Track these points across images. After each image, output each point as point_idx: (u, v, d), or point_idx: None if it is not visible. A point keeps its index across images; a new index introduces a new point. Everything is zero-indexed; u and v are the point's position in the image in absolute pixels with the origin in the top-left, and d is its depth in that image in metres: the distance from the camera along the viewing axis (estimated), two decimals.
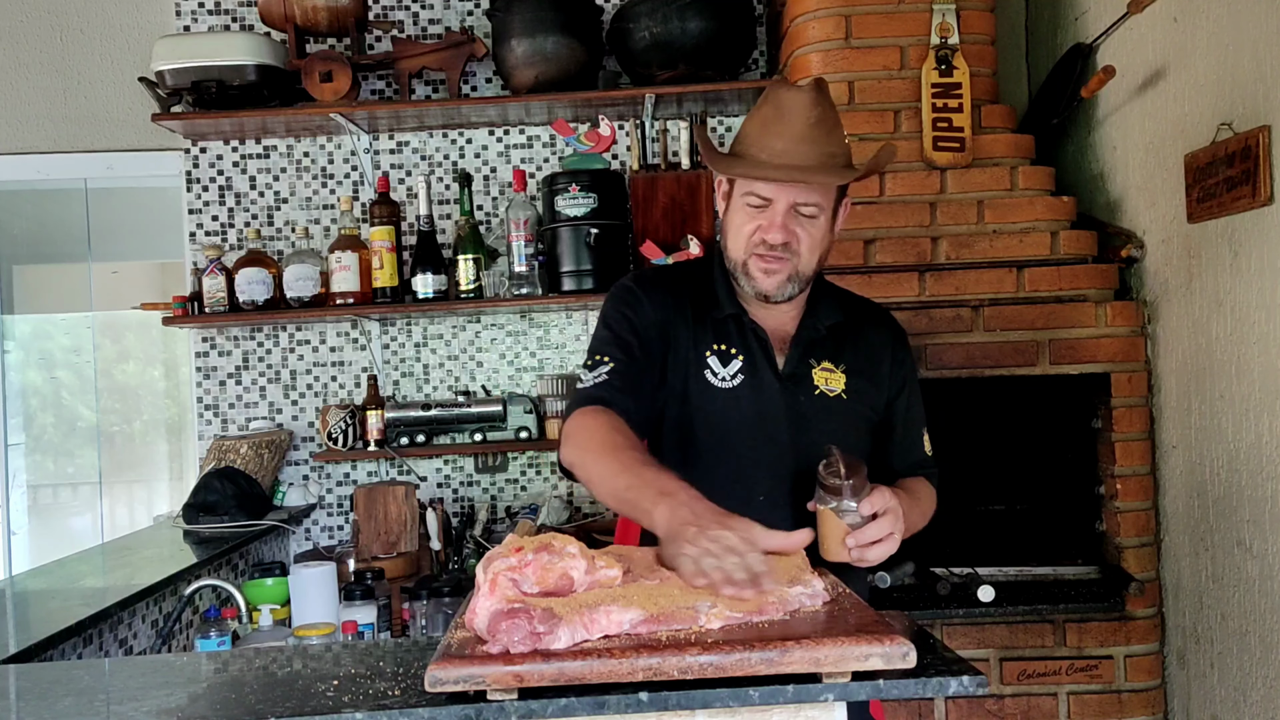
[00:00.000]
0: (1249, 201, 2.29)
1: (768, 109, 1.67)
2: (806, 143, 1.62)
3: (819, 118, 1.63)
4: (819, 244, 1.70)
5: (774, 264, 1.67)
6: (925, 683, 1.17)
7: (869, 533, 1.54)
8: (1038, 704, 2.75)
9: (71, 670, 1.54)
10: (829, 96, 1.67)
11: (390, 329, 3.52)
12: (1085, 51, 3.03)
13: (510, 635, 1.15)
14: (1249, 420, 2.39)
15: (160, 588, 2.30)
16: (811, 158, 1.63)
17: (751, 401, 1.72)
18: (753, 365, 1.73)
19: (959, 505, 3.05)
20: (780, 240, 1.66)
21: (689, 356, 1.73)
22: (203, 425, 3.48)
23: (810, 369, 1.76)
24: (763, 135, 1.65)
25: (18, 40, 3.52)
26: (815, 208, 1.66)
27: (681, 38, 3.13)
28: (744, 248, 1.69)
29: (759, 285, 1.70)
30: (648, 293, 1.77)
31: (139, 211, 4.35)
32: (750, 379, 1.73)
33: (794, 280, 1.69)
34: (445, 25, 3.50)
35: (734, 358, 1.73)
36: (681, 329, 1.74)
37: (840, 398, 1.76)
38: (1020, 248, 2.82)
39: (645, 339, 1.72)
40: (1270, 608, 2.35)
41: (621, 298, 1.78)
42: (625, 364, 1.69)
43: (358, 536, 3.20)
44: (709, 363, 1.73)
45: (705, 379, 1.72)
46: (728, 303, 1.76)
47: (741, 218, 1.70)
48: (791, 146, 1.62)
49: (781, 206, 1.65)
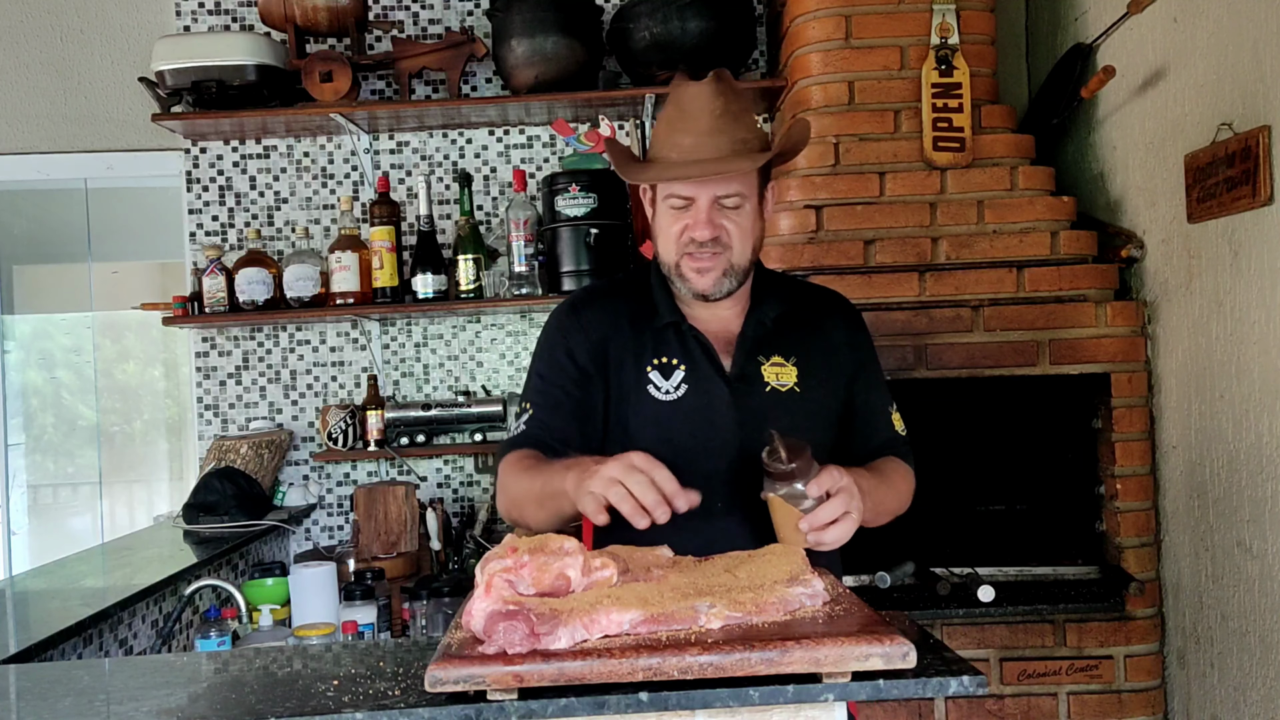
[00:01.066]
0: (1249, 201, 2.29)
1: (671, 109, 1.64)
2: (714, 134, 1.60)
3: (723, 108, 1.60)
4: (749, 233, 1.67)
5: (706, 261, 1.65)
6: (925, 683, 1.17)
7: (821, 514, 1.47)
8: (1038, 704, 2.75)
9: (71, 670, 1.54)
10: (733, 84, 1.65)
11: (390, 329, 3.52)
12: (1085, 51, 3.03)
13: (507, 636, 1.15)
14: (1249, 420, 2.39)
15: (160, 588, 2.30)
16: (722, 148, 1.59)
17: (698, 410, 1.69)
18: (696, 373, 1.70)
19: (959, 505, 3.07)
20: (708, 236, 1.63)
21: (631, 373, 1.71)
22: (203, 425, 3.48)
23: (759, 366, 1.72)
24: (670, 135, 1.63)
25: (18, 40, 3.52)
26: (738, 197, 1.64)
27: (681, 38, 3.13)
28: (674, 250, 1.67)
29: (694, 285, 1.67)
30: (582, 317, 1.75)
31: (139, 211, 4.35)
32: (694, 387, 1.69)
33: (729, 275, 1.67)
34: (445, 25, 3.50)
35: (675, 368, 1.70)
36: (623, 346, 1.72)
37: (794, 391, 1.71)
38: (1020, 248, 2.82)
39: (574, 374, 1.71)
40: (1270, 608, 2.35)
41: (555, 329, 1.77)
42: (547, 409, 1.70)
43: (358, 536, 3.20)
44: (650, 378, 1.70)
45: (648, 394, 1.69)
46: (666, 311, 1.72)
47: (667, 220, 1.67)
48: (700, 140, 1.59)
49: (704, 202, 1.63)
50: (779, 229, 2.85)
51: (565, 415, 1.70)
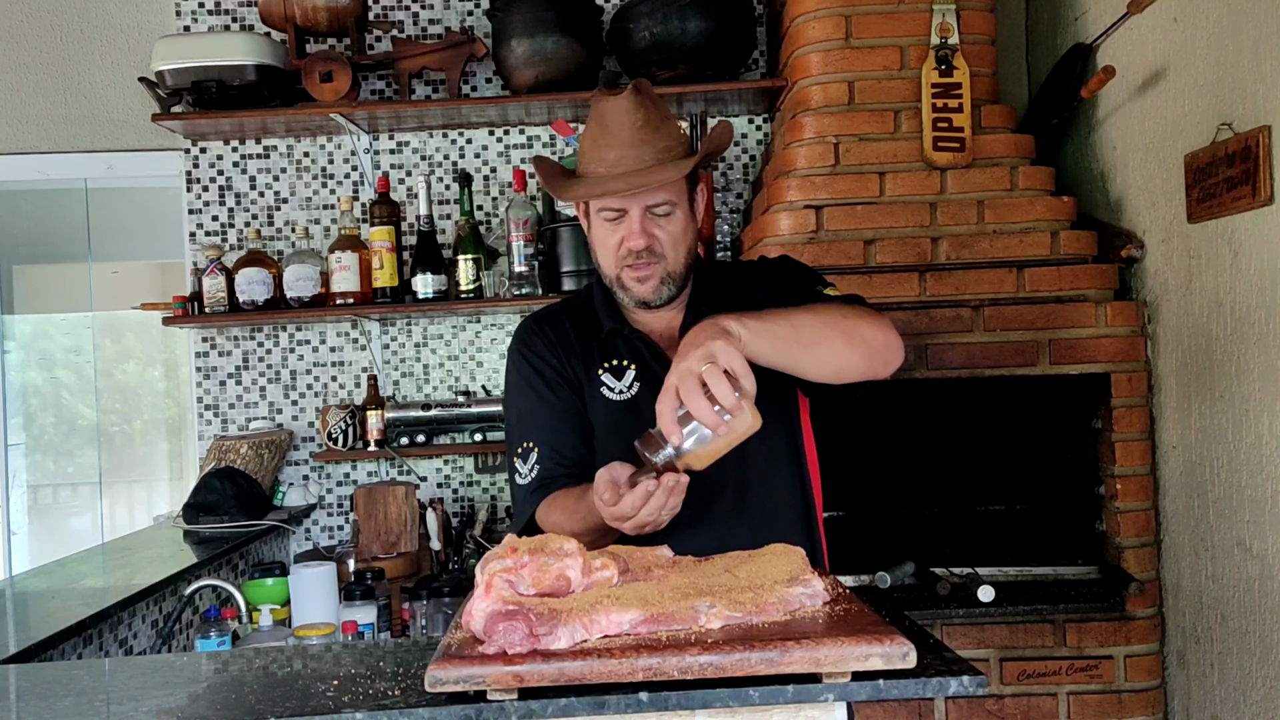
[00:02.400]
0: (1249, 202, 2.29)
1: (594, 124, 1.68)
2: (638, 145, 1.63)
3: (644, 119, 1.64)
4: (682, 238, 1.70)
5: (643, 270, 1.68)
6: (925, 683, 1.17)
7: (705, 421, 1.36)
8: (1038, 704, 2.75)
9: (71, 670, 1.54)
10: (651, 94, 1.68)
11: (390, 329, 3.52)
12: (1085, 51, 3.03)
13: (507, 636, 1.15)
14: (1249, 420, 2.39)
15: (160, 588, 2.30)
16: (646, 158, 1.63)
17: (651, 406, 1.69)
18: (646, 371, 1.73)
19: (959, 505, 3.07)
20: (643, 245, 1.67)
21: (584, 382, 1.75)
22: (203, 425, 3.48)
23: None
24: (595, 150, 1.67)
25: (18, 40, 3.52)
26: (668, 205, 1.67)
27: (681, 38, 3.13)
28: (613, 262, 1.71)
29: (635, 293, 1.71)
30: (534, 346, 1.79)
31: (139, 211, 4.36)
32: (646, 385, 1.72)
33: (667, 282, 1.70)
34: (445, 25, 3.50)
35: (626, 369, 1.74)
36: (573, 360, 1.76)
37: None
38: (1020, 248, 2.82)
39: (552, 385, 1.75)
40: (1270, 608, 2.35)
41: (515, 371, 1.80)
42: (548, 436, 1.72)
43: (358, 536, 3.20)
44: (603, 380, 1.74)
45: (603, 396, 1.73)
46: (607, 320, 1.77)
47: (603, 232, 1.71)
48: (624, 153, 1.63)
49: (635, 213, 1.66)
50: (779, 229, 2.85)
51: (567, 433, 1.72)
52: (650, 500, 1.41)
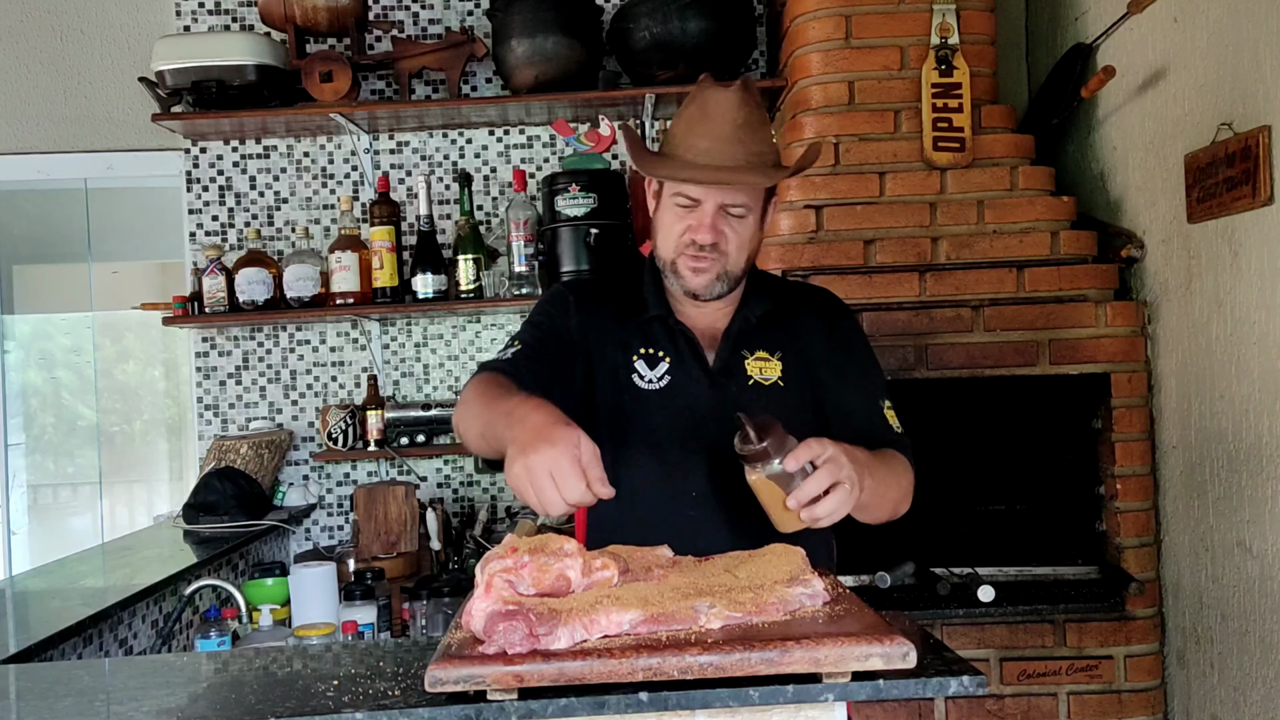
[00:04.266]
0: (1249, 201, 2.29)
1: (694, 109, 1.66)
2: (733, 143, 1.62)
3: (745, 118, 1.63)
4: (747, 243, 1.70)
5: (702, 263, 1.68)
6: (925, 683, 1.17)
7: (808, 488, 1.40)
8: (1038, 704, 2.75)
9: (71, 670, 1.54)
10: (757, 96, 1.67)
11: (390, 329, 3.52)
12: (1085, 51, 3.03)
13: (507, 637, 1.15)
14: (1249, 420, 2.39)
15: (160, 588, 2.30)
16: (738, 158, 1.62)
17: (680, 400, 1.71)
18: (680, 364, 1.73)
19: (959, 505, 3.07)
20: (709, 240, 1.66)
21: (616, 362, 1.74)
22: (203, 425, 3.48)
23: (743, 360, 1.74)
24: (688, 136, 1.65)
25: (18, 40, 3.52)
26: (743, 208, 1.67)
27: (681, 38, 3.13)
28: (673, 247, 1.70)
29: (687, 284, 1.70)
30: (579, 299, 1.78)
31: (139, 211, 4.35)
32: (678, 378, 1.72)
33: (722, 279, 1.70)
34: (445, 25, 3.50)
35: (661, 360, 1.74)
36: (608, 337, 1.75)
37: (777, 385, 1.74)
38: (1020, 248, 2.82)
39: (561, 341, 1.73)
40: (1270, 608, 2.35)
41: (552, 300, 1.80)
42: (534, 351, 1.70)
43: (358, 536, 3.20)
44: (636, 366, 1.74)
45: (633, 382, 1.73)
46: (654, 305, 1.76)
47: (671, 217, 1.70)
48: (718, 147, 1.62)
49: (710, 207, 1.65)
50: (779, 229, 2.85)
51: (547, 369, 1.69)
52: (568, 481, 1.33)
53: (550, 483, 1.30)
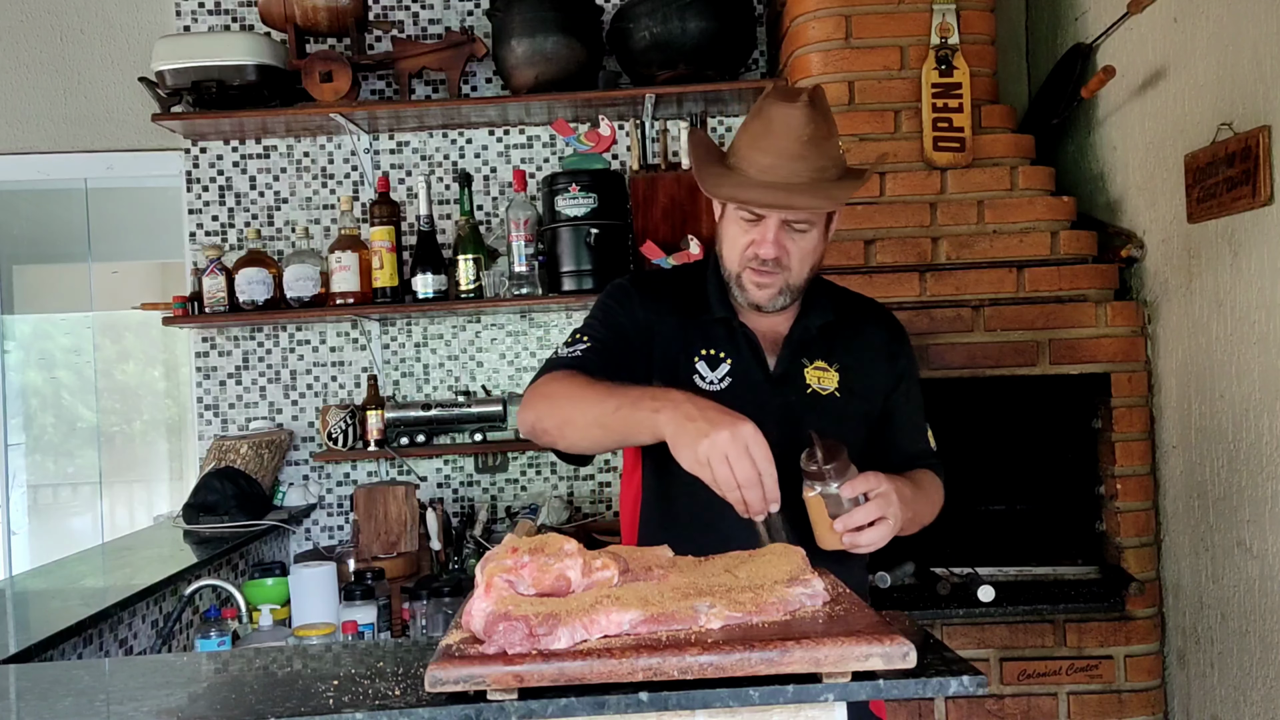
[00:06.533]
0: (1249, 201, 2.29)
1: (757, 123, 1.64)
2: (796, 160, 1.60)
3: (811, 134, 1.61)
4: (810, 255, 1.71)
5: (766, 278, 1.69)
6: (925, 683, 1.17)
7: (856, 516, 1.53)
8: (1038, 704, 2.75)
9: (71, 670, 1.54)
10: (824, 107, 1.64)
11: (390, 329, 3.52)
12: (1085, 51, 3.03)
13: (507, 637, 1.15)
14: (1249, 420, 2.39)
15: (160, 588, 2.30)
16: (801, 175, 1.61)
17: (740, 403, 1.69)
18: (742, 367, 1.74)
19: (959, 505, 3.06)
20: (772, 255, 1.67)
21: (678, 360, 1.75)
22: (203, 425, 3.48)
23: (802, 368, 1.77)
24: (751, 149, 1.64)
25: (18, 40, 3.52)
26: (807, 223, 1.68)
27: (681, 38, 3.13)
28: (738, 260, 1.71)
29: (752, 297, 1.72)
30: (641, 294, 1.79)
31: (139, 211, 4.35)
32: (739, 381, 1.73)
33: (785, 293, 1.71)
34: (445, 25, 3.50)
35: (722, 361, 1.75)
36: (670, 334, 1.76)
37: (834, 395, 1.76)
38: (1020, 248, 2.82)
39: (628, 337, 1.74)
40: (1270, 608, 2.35)
41: (615, 295, 1.81)
42: (604, 347, 1.71)
43: (358, 536, 3.20)
44: (697, 367, 1.74)
45: (693, 383, 1.73)
46: (719, 307, 1.77)
47: (735, 230, 1.71)
48: (781, 163, 1.61)
49: (773, 222, 1.66)
50: None
51: (616, 365, 1.70)
52: (760, 480, 1.45)
53: (746, 457, 1.40)
